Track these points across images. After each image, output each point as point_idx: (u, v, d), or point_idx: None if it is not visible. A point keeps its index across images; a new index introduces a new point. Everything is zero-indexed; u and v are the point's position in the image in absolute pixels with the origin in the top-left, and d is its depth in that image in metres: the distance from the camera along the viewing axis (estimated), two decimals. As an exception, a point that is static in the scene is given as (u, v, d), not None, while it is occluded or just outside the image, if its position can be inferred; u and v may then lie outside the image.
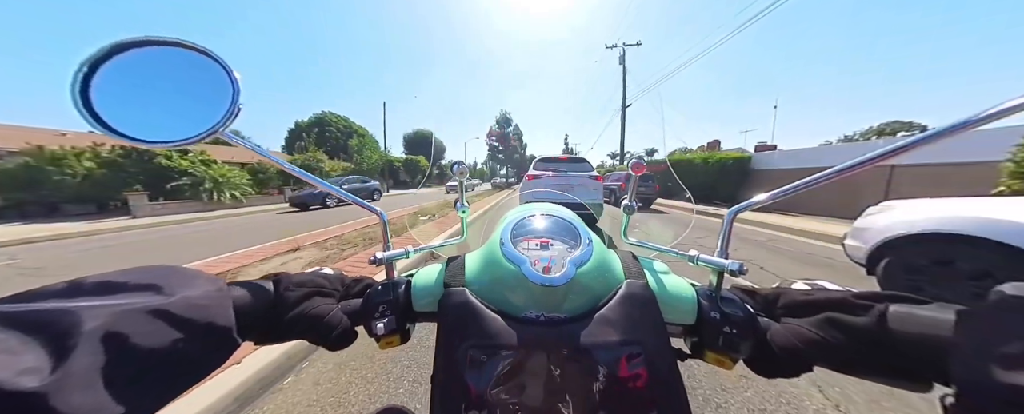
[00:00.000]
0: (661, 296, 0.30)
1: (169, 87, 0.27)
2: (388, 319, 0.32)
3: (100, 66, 0.24)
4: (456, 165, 0.41)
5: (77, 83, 0.23)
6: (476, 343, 0.25)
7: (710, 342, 0.29)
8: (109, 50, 0.24)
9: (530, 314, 0.27)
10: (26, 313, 0.16)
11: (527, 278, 0.27)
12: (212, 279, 0.25)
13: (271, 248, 4.11)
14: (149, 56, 0.25)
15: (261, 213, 11.08)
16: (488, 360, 0.25)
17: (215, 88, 0.27)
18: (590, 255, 0.29)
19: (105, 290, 0.19)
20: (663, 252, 0.43)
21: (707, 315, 0.30)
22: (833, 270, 3.32)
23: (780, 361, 0.27)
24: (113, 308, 0.18)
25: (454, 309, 0.28)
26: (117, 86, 0.24)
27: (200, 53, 0.27)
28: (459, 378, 0.25)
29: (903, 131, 30.35)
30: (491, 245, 0.32)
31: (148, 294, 0.20)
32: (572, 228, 0.33)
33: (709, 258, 0.31)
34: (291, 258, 3.62)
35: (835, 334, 0.25)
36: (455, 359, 0.25)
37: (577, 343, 0.25)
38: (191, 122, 0.27)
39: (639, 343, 0.25)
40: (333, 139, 31.47)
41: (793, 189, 0.28)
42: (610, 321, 0.26)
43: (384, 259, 0.35)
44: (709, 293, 0.31)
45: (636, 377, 0.24)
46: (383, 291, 0.33)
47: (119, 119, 0.25)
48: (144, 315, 0.19)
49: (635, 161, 0.39)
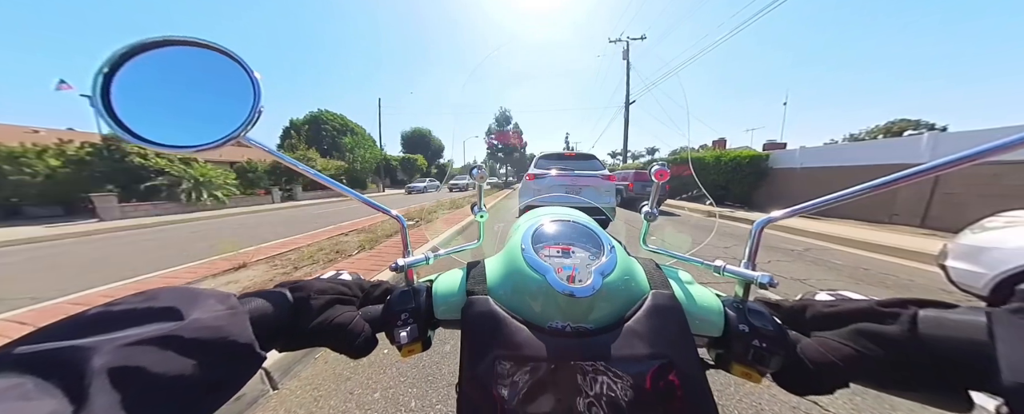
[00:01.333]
0: (688, 307, 0.29)
1: (189, 89, 0.26)
2: (410, 327, 0.31)
3: (120, 67, 0.24)
4: (475, 169, 0.40)
5: (98, 84, 0.23)
6: (503, 354, 0.25)
7: (739, 356, 0.28)
8: (129, 50, 0.23)
9: (556, 324, 0.27)
10: (37, 354, 0.16)
11: (553, 287, 0.26)
12: (223, 296, 0.25)
13: (208, 266, 3.36)
14: (169, 56, 0.25)
15: (238, 215, 10.40)
16: (516, 371, 0.24)
17: (236, 90, 0.27)
18: (615, 264, 0.29)
19: (113, 322, 0.19)
20: (686, 261, 0.40)
21: (735, 328, 0.29)
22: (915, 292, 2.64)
23: (813, 376, 0.26)
24: (124, 340, 0.18)
25: (479, 318, 0.27)
26: (137, 88, 0.24)
27: (221, 54, 0.26)
28: (487, 389, 0.24)
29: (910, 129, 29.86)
30: (511, 252, 0.32)
31: (158, 322, 0.20)
32: (593, 234, 0.33)
33: (736, 269, 0.31)
34: (227, 280, 2.91)
35: (867, 345, 0.24)
36: (481, 370, 0.25)
37: (607, 355, 0.24)
38: (212, 126, 0.26)
39: (669, 356, 0.25)
40: (328, 137, 30.85)
41: (833, 200, 0.28)
42: (639, 333, 0.25)
43: (405, 266, 0.34)
44: (736, 304, 0.30)
45: (667, 390, 0.24)
46: (404, 298, 0.33)
47: (139, 122, 0.24)
48: (156, 345, 0.18)
49: (658, 167, 0.37)
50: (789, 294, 0.36)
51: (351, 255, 3.58)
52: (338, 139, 29.37)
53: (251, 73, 0.27)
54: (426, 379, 1.54)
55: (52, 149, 9.96)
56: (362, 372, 1.61)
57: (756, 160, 9.67)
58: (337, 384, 1.53)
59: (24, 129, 13.58)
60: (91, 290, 2.80)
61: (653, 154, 48.64)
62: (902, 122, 36.44)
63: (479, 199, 0.43)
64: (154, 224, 8.23)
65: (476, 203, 0.43)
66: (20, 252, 5.20)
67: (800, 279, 3.00)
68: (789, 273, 3.18)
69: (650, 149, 54.17)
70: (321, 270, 3.12)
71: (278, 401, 1.42)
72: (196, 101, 0.26)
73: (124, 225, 7.87)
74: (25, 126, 14.00)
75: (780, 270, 3.28)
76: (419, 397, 1.42)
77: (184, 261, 3.73)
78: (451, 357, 1.69)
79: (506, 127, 44.50)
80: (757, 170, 9.66)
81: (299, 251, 3.89)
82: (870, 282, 2.97)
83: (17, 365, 0.15)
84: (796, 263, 3.56)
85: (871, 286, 2.86)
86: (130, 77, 0.23)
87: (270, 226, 7.10)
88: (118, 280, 3.06)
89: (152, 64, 0.24)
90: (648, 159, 21.63)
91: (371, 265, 3.12)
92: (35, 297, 2.66)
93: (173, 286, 0.23)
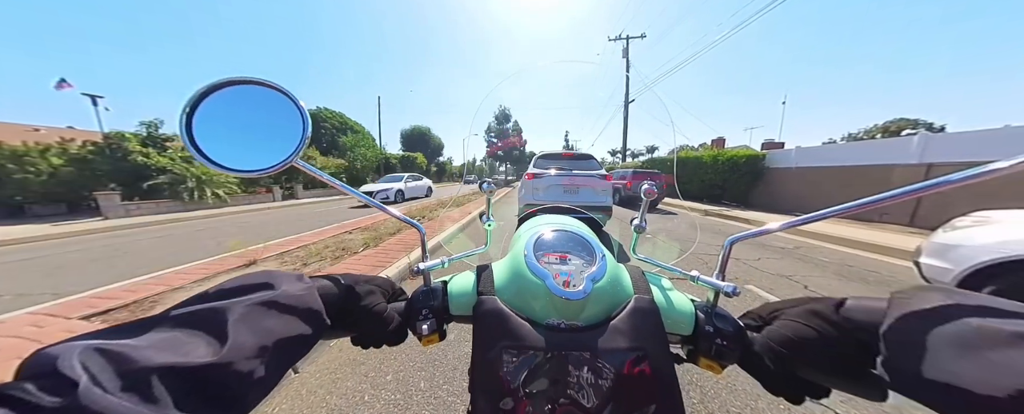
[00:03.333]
0: (664, 309, 0.34)
1: (251, 121, 0.31)
2: (430, 322, 0.36)
3: (198, 105, 0.28)
4: (486, 184, 0.48)
5: (183, 121, 0.27)
6: (509, 344, 0.29)
7: (704, 351, 0.33)
8: (203, 92, 0.28)
9: (553, 321, 0.31)
10: (193, 312, 0.23)
11: (550, 291, 0.31)
12: (299, 276, 0.30)
13: (219, 262, 3.49)
14: (234, 94, 0.29)
15: (241, 214, 10.49)
16: (519, 359, 0.29)
17: (287, 120, 0.31)
18: (604, 272, 0.33)
19: (234, 293, 0.25)
20: (667, 270, 0.45)
21: (702, 328, 0.34)
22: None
23: (767, 365, 0.30)
24: (245, 302, 0.24)
25: (488, 314, 0.32)
26: (211, 122, 0.28)
27: (274, 90, 0.30)
28: (495, 372, 0.29)
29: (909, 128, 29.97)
30: (515, 258, 0.36)
31: (262, 291, 0.26)
32: (587, 244, 0.37)
33: (708, 279, 0.35)
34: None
35: (802, 330, 0.28)
36: (491, 357, 0.29)
37: (594, 347, 0.29)
38: (271, 151, 0.31)
39: (643, 349, 0.29)
40: (327, 135, 30.80)
41: (809, 219, 0.30)
42: (621, 330, 0.30)
43: (424, 270, 0.39)
44: (706, 309, 0.35)
45: (640, 376, 0.28)
46: (425, 296, 0.38)
47: (215, 150, 0.29)
48: (264, 306, 0.25)
49: (647, 186, 0.44)
50: (775, 289, 0.42)
51: (357, 252, 3.69)
52: (337, 137, 29.34)
53: (299, 106, 0.31)
54: (433, 363, 1.69)
55: (55, 147, 10.02)
56: (374, 358, 1.75)
57: (753, 160, 9.76)
58: (352, 368, 1.67)
59: (25, 127, 13.60)
60: (114, 285, 2.93)
61: (652, 152, 48.78)
62: (901, 121, 36.54)
63: (487, 209, 0.49)
64: (158, 222, 8.31)
65: (485, 212, 0.49)
66: (21, 251, 5.30)
67: (786, 276, 3.11)
68: (776, 270, 3.30)
69: (649, 147, 54.24)
70: (330, 267, 3.24)
71: (300, 382, 1.56)
72: (257, 130, 0.31)
73: (129, 223, 7.95)
74: (25, 124, 14.01)
75: (768, 267, 3.40)
76: (427, 379, 1.57)
77: (198, 257, 3.84)
78: (454, 346, 1.83)
79: (505, 125, 44.47)
80: (754, 170, 9.76)
81: (306, 248, 4.01)
82: (852, 278, 3.10)
83: (174, 322, 0.22)
84: (784, 260, 3.68)
85: (853, 282, 3.00)
86: (206, 113, 0.28)
87: (275, 224, 7.20)
88: (141, 274, 3.18)
89: (221, 102, 0.28)
90: (647, 158, 21.58)
91: (376, 262, 3.22)
92: (57, 293, 2.78)
93: (265, 270, 0.29)
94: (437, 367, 1.66)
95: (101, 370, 0.17)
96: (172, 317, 0.22)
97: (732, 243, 0.34)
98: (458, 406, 1.38)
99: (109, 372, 0.17)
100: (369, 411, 1.37)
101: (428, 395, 1.45)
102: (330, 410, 1.38)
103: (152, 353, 0.19)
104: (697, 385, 1.49)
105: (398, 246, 3.94)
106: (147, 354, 0.18)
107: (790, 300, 0.32)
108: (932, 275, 2.09)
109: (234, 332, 0.22)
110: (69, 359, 0.17)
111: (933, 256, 2.07)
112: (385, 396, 1.45)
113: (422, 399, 1.43)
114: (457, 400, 1.42)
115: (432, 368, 1.65)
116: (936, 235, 2.14)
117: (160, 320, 0.22)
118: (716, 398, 1.42)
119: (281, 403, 1.41)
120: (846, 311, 0.26)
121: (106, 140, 10.58)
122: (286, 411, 1.37)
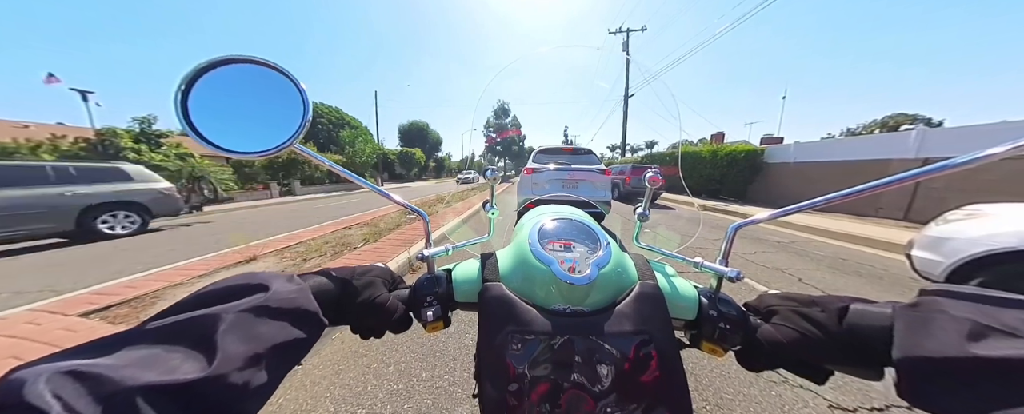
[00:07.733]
0: (668, 295, 0.34)
1: (249, 101, 0.29)
2: (435, 309, 0.36)
3: (194, 83, 0.27)
4: (489, 171, 0.48)
5: (177, 99, 0.26)
6: (515, 330, 0.29)
7: (707, 335, 0.34)
8: (201, 68, 0.27)
9: (558, 307, 0.31)
10: (174, 324, 0.21)
11: (556, 276, 0.31)
12: (290, 277, 0.29)
13: (219, 258, 3.49)
14: (232, 73, 0.28)
15: (238, 211, 10.44)
16: (525, 344, 0.29)
17: (287, 103, 0.30)
18: (609, 258, 0.33)
19: (220, 299, 0.24)
20: (671, 257, 0.45)
21: (706, 313, 0.34)
22: (884, 284, 2.83)
23: (766, 354, 0.32)
24: (235, 309, 0.23)
25: (494, 300, 0.31)
26: (208, 101, 0.27)
27: (274, 70, 0.29)
28: (501, 358, 0.29)
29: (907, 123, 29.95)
30: (520, 245, 0.36)
31: (251, 296, 0.25)
32: (591, 231, 0.38)
33: (712, 265, 0.35)
34: (241, 271, 3.05)
35: (809, 329, 0.29)
36: (497, 342, 0.29)
37: (600, 332, 0.29)
38: (269, 134, 0.29)
39: (649, 334, 0.29)
40: (324, 131, 30.52)
41: (803, 207, 0.31)
42: (626, 315, 0.30)
43: (429, 256, 0.39)
44: (709, 294, 0.36)
45: (646, 361, 0.28)
46: (429, 283, 0.37)
47: (211, 130, 0.28)
48: (254, 312, 0.23)
49: (652, 174, 0.41)
50: (770, 282, 0.43)
51: (356, 248, 3.70)
52: (334, 133, 29.06)
53: (301, 88, 0.30)
54: (433, 354, 1.72)
55: (46, 144, 9.89)
56: (376, 349, 1.77)
57: (751, 155, 9.81)
58: (354, 360, 1.70)
59: (13, 124, 13.39)
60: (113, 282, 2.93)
61: (652, 147, 48.65)
62: (899, 116, 36.64)
63: (491, 198, 0.49)
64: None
65: (488, 201, 0.49)
66: (27, 249, 5.27)
67: (781, 269, 3.15)
68: (772, 263, 3.34)
69: (649, 143, 54.09)
70: (329, 262, 3.26)
71: (303, 374, 1.58)
72: (256, 112, 0.29)
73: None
74: (14, 121, 13.79)
75: (764, 260, 3.44)
76: (428, 369, 1.59)
77: (198, 253, 3.84)
78: (455, 338, 1.85)
79: (504, 119, 44.22)
80: (752, 165, 9.81)
81: (306, 244, 4.02)
82: (846, 272, 3.14)
83: (157, 336, 0.20)
84: (780, 254, 3.73)
85: (847, 275, 3.04)
86: (202, 91, 0.27)
87: (274, 221, 7.20)
88: (139, 272, 3.18)
89: (219, 80, 0.27)
90: (647, 153, 21.48)
91: (376, 257, 3.24)
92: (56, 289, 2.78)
93: (250, 272, 0.28)
94: (438, 358, 1.68)
95: (76, 396, 0.15)
96: (152, 330, 0.20)
97: (736, 229, 0.35)
98: (459, 395, 1.41)
99: (86, 398, 0.15)
100: (372, 401, 1.39)
101: (429, 385, 1.48)
102: (334, 400, 1.40)
103: (134, 372, 0.17)
104: (692, 374, 1.52)
105: (398, 241, 3.96)
106: (129, 373, 0.17)
107: (789, 294, 0.33)
108: (923, 268, 2.13)
109: (224, 342, 0.20)
110: (35, 386, 0.15)
111: (925, 249, 2.10)
112: (388, 386, 1.48)
113: (424, 389, 1.45)
114: (458, 389, 1.44)
115: (433, 358, 1.68)
116: (928, 228, 2.17)
117: (139, 334, 0.20)
118: (710, 386, 1.46)
119: (285, 394, 1.44)
120: (852, 317, 0.27)
121: (98, 136, 10.46)
122: (291, 401, 1.40)
